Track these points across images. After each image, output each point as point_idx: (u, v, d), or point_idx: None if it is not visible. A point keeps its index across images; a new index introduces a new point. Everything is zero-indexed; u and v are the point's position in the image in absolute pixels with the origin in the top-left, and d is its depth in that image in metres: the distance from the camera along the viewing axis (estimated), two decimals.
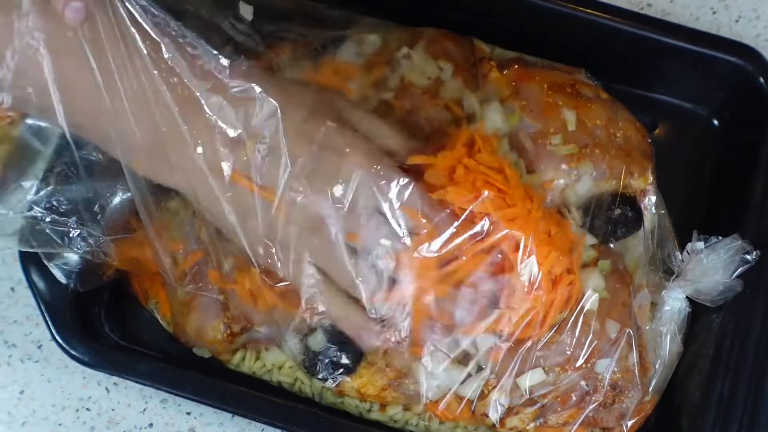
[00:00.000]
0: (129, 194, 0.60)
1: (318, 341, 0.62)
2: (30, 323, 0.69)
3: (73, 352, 0.63)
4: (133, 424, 0.67)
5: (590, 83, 0.69)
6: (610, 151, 0.65)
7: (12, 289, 0.70)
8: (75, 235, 0.61)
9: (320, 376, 0.62)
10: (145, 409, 0.68)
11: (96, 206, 0.62)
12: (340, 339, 0.61)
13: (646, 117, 0.71)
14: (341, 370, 0.62)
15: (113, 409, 0.68)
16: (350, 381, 0.62)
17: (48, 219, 0.60)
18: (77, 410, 0.68)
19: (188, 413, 0.68)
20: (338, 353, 0.61)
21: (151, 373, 0.63)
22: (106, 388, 0.68)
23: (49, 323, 0.64)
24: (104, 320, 0.68)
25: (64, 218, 0.61)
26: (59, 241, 0.61)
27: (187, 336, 0.65)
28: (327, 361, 0.61)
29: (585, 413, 0.62)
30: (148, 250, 0.62)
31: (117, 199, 0.62)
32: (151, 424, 0.68)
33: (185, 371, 0.65)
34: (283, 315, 0.61)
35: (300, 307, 0.59)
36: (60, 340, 0.63)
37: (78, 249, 0.61)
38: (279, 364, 0.65)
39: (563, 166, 0.64)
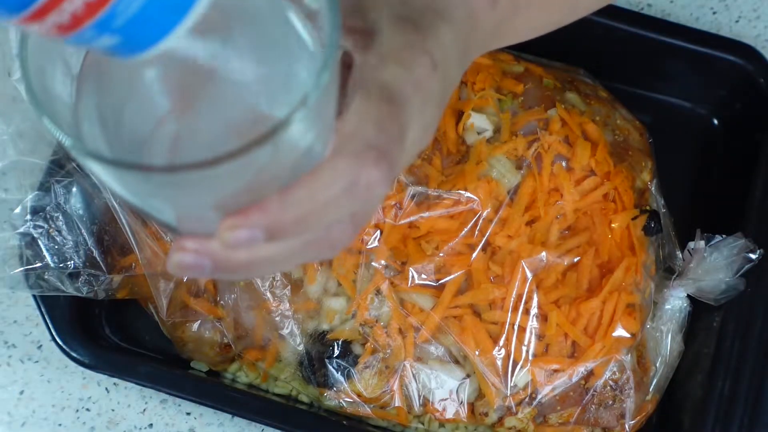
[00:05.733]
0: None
1: (317, 346, 0.62)
2: (30, 323, 0.69)
3: (73, 354, 0.63)
4: (133, 424, 0.67)
5: (589, 82, 0.69)
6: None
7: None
8: (81, 281, 0.62)
9: (320, 381, 0.62)
10: (145, 410, 0.68)
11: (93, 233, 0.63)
12: (339, 344, 0.61)
13: (646, 116, 0.71)
14: (340, 374, 0.62)
15: (113, 410, 0.68)
16: (349, 385, 0.62)
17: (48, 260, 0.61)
18: (77, 410, 0.68)
19: (188, 413, 0.67)
20: (338, 358, 0.61)
21: (152, 375, 0.63)
22: (106, 389, 0.68)
23: (49, 324, 0.64)
24: (104, 322, 0.68)
25: (63, 262, 0.62)
26: (62, 287, 0.61)
27: (183, 347, 0.65)
28: (327, 366, 0.61)
29: (585, 413, 0.62)
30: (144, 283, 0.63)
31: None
32: (151, 425, 0.67)
33: (185, 372, 0.65)
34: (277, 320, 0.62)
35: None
36: (60, 342, 0.63)
37: (82, 292, 0.62)
38: (275, 376, 0.65)
39: None
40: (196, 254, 0.34)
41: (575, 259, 0.61)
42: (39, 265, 0.61)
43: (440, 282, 0.61)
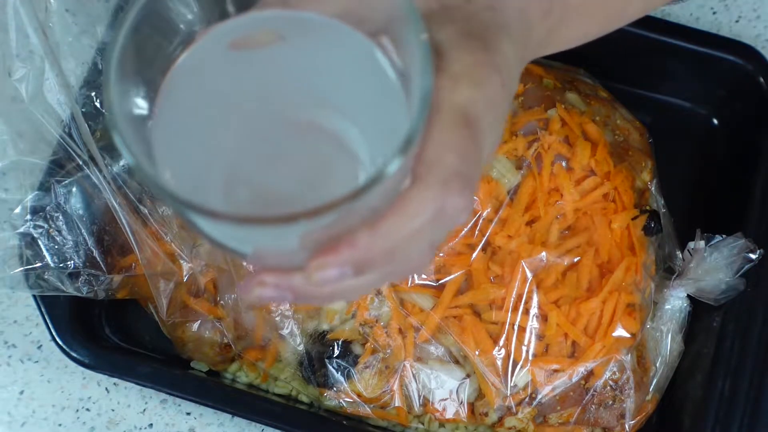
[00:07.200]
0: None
1: (317, 346, 0.62)
2: (30, 323, 0.69)
3: (73, 354, 0.63)
4: (132, 424, 0.67)
5: (589, 82, 0.69)
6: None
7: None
8: (81, 281, 0.62)
9: (320, 381, 0.62)
10: (144, 410, 0.68)
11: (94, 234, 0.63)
12: (339, 344, 0.61)
13: (646, 116, 0.71)
14: (340, 374, 0.62)
15: (113, 410, 0.68)
16: (349, 385, 0.62)
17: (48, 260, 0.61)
18: (77, 410, 0.68)
19: (188, 413, 0.67)
20: (338, 358, 0.61)
21: (152, 375, 0.63)
22: (106, 389, 0.68)
23: (49, 324, 0.64)
24: (104, 322, 0.68)
25: (63, 262, 0.62)
26: (62, 287, 0.61)
27: (183, 347, 0.65)
28: (327, 366, 0.61)
29: (585, 413, 0.62)
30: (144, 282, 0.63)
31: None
32: (150, 425, 0.67)
33: (185, 372, 0.65)
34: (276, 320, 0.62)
35: None
36: (60, 342, 0.63)
37: (82, 292, 0.62)
38: (275, 376, 0.65)
39: None
40: (278, 288, 0.33)
41: (575, 259, 0.61)
42: (39, 265, 0.61)
43: (440, 282, 0.61)
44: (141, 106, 0.32)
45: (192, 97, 0.33)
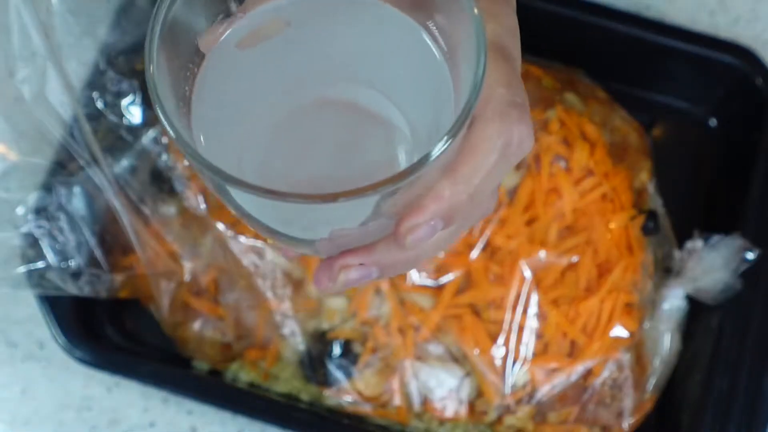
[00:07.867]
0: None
1: (318, 345, 0.62)
2: (32, 323, 0.69)
3: (75, 353, 0.64)
4: (134, 423, 0.67)
5: (588, 83, 0.69)
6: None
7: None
8: (83, 280, 0.62)
9: (320, 380, 0.62)
10: (146, 409, 0.68)
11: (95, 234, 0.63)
12: (340, 343, 0.61)
13: (645, 117, 0.72)
14: (341, 373, 0.62)
15: (115, 409, 0.68)
16: (350, 384, 0.62)
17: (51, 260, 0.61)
18: (79, 409, 0.68)
19: (190, 412, 0.68)
20: (338, 357, 0.62)
21: (153, 374, 0.64)
22: (108, 388, 0.68)
23: (51, 324, 0.64)
24: (106, 321, 0.68)
25: (65, 261, 0.62)
26: (64, 286, 0.62)
27: (185, 346, 0.65)
28: (327, 365, 0.62)
29: (584, 412, 0.62)
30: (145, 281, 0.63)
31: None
32: (152, 424, 0.68)
33: (187, 371, 0.65)
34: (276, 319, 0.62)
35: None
36: (62, 341, 0.64)
37: (84, 292, 0.62)
38: (275, 375, 0.65)
39: None
40: (363, 267, 0.33)
41: (574, 259, 0.62)
42: (41, 264, 0.62)
43: (440, 281, 0.61)
44: (182, 86, 0.31)
45: (224, 94, 0.33)
